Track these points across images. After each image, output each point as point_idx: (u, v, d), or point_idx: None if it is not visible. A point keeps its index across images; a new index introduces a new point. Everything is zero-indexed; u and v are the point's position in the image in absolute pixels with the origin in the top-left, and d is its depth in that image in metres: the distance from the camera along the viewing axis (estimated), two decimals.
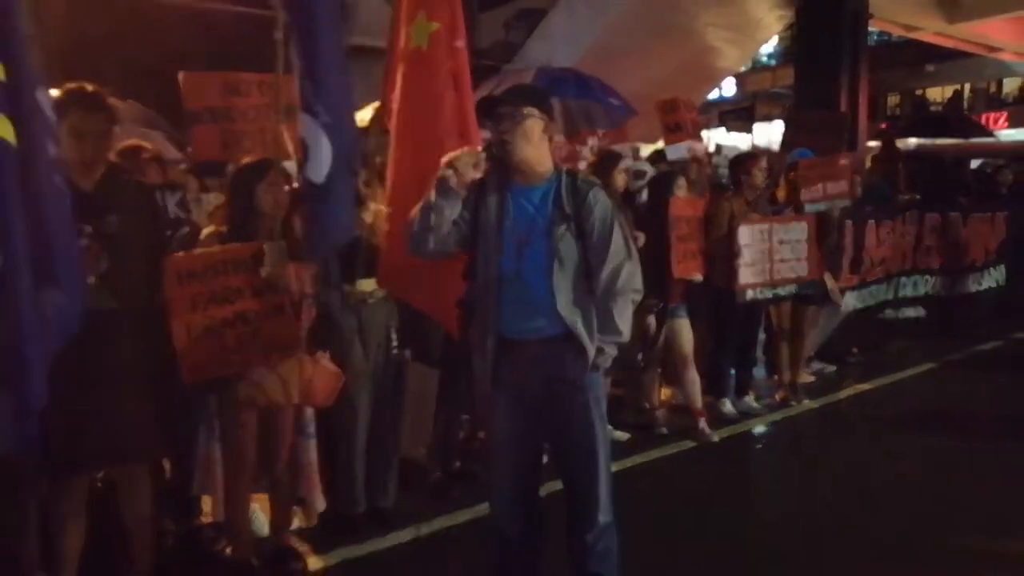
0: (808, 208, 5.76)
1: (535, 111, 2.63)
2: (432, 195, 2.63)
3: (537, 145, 2.65)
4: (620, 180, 4.82)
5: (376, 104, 3.79)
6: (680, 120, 6.35)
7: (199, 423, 3.46)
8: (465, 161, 2.58)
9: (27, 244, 2.04)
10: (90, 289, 2.58)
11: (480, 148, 2.64)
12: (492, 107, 2.68)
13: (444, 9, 3.33)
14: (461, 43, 3.43)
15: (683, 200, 5.00)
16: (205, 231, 3.19)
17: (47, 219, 2.13)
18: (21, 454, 2.33)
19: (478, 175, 2.66)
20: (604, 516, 2.70)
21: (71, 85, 2.66)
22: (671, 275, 4.79)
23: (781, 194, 6.02)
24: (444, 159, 2.61)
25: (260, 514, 3.60)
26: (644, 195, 5.37)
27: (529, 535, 2.79)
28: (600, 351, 2.66)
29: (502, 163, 2.66)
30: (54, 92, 2.55)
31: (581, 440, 2.69)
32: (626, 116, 7.45)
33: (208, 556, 3.42)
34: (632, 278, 2.68)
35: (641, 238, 4.73)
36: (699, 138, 6.61)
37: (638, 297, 2.74)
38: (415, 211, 2.72)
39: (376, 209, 3.53)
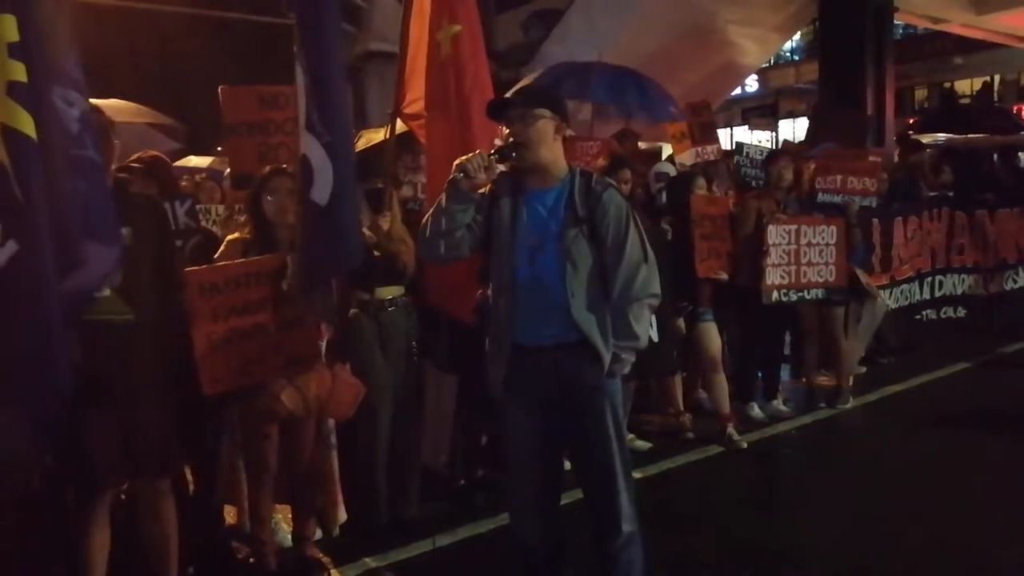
0: (820, 198, 5.61)
1: (547, 112, 2.57)
2: (443, 199, 2.58)
3: (551, 146, 2.59)
4: (625, 188, 4.76)
5: (392, 116, 3.77)
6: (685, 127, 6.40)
7: (222, 434, 3.47)
8: (476, 164, 2.52)
9: (50, 234, 2.11)
10: (105, 301, 2.59)
11: (492, 150, 2.58)
12: (503, 108, 2.62)
13: (464, 10, 3.33)
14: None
15: (705, 197, 4.94)
16: (229, 238, 3.22)
17: (70, 198, 2.22)
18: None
19: (490, 178, 2.61)
20: (627, 525, 2.63)
21: None
22: (697, 276, 4.73)
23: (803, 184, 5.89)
24: (455, 162, 2.57)
25: (283, 524, 3.59)
26: (663, 197, 5.30)
27: (550, 544, 2.73)
28: (616, 357, 2.59)
29: (515, 166, 2.60)
30: None
31: (596, 449, 2.62)
32: (665, 114, 6.66)
33: (231, 567, 3.43)
34: (649, 282, 2.59)
35: (668, 231, 4.68)
36: (709, 140, 6.53)
37: (655, 302, 2.65)
38: (427, 216, 2.67)
39: (393, 216, 3.51)
